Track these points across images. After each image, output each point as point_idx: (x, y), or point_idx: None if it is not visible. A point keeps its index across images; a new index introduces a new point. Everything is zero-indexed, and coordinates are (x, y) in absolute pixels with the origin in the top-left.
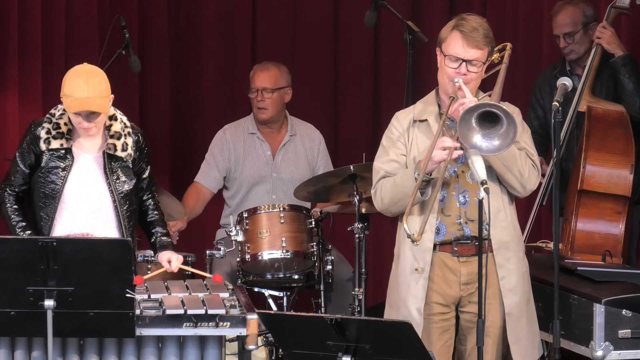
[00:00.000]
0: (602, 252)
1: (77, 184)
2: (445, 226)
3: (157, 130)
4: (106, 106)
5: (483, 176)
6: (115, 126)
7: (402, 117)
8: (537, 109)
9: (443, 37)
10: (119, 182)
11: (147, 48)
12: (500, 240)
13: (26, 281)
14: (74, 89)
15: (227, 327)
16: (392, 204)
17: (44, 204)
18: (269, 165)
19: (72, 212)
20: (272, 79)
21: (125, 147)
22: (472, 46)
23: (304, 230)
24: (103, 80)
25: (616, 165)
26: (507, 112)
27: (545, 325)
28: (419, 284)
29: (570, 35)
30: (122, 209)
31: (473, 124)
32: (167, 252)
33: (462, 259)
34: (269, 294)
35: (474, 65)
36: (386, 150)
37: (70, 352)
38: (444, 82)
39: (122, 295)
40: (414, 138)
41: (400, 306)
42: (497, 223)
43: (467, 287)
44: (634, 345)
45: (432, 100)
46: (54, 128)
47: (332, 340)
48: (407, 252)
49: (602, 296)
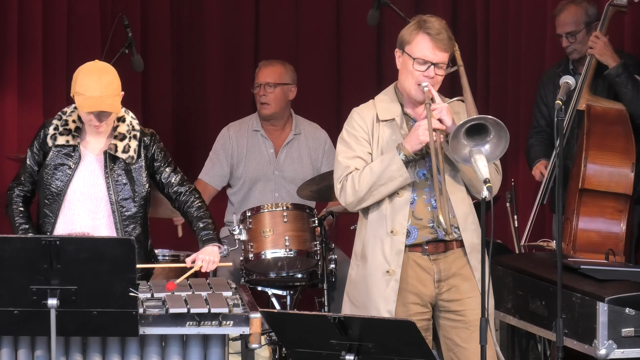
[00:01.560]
0: (604, 250)
1: (81, 183)
2: (417, 229)
3: (159, 129)
4: (118, 105)
5: (486, 175)
6: (121, 127)
7: (364, 114)
8: (542, 108)
9: (407, 39)
10: (118, 184)
11: (150, 47)
12: (472, 244)
13: (29, 280)
14: (86, 88)
15: (230, 326)
16: (369, 193)
17: (49, 201)
18: (271, 163)
19: (74, 211)
20: (276, 74)
21: (127, 148)
22: (441, 49)
23: (307, 229)
24: (115, 78)
25: (617, 163)
26: (494, 120)
27: (549, 324)
28: (389, 287)
29: (573, 35)
30: (120, 211)
31: (462, 140)
32: (208, 247)
33: (432, 256)
34: (272, 292)
35: (440, 68)
36: (350, 147)
37: (74, 351)
38: (409, 85)
39: (125, 294)
40: (380, 137)
41: (369, 307)
42: (467, 227)
43: (440, 284)
44: (637, 344)
45: (394, 98)
46: (62, 125)
47: (335, 339)
48: (377, 254)
49: (605, 295)
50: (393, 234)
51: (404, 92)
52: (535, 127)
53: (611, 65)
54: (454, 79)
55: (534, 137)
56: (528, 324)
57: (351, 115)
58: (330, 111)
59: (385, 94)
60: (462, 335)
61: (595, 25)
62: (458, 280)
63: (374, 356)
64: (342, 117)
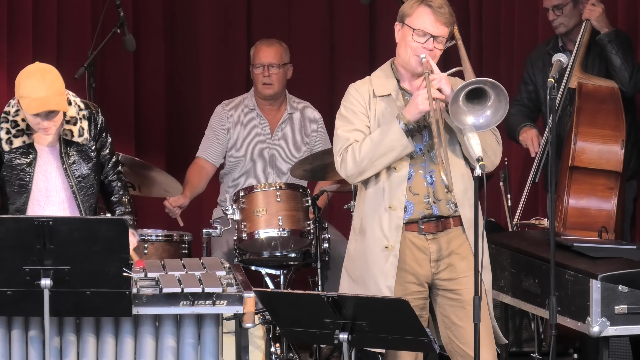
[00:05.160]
0: (595, 228)
1: (43, 178)
2: (414, 205)
3: (152, 109)
4: (64, 103)
5: (479, 153)
6: (70, 111)
7: (361, 89)
8: (529, 84)
9: (407, 12)
10: (75, 166)
11: (142, 26)
12: (469, 219)
13: (22, 260)
14: (30, 90)
15: (224, 306)
16: (370, 164)
17: (15, 200)
18: (267, 142)
19: (44, 206)
20: (278, 54)
21: (82, 132)
22: (441, 23)
23: (300, 208)
24: (57, 77)
25: (607, 140)
26: (493, 82)
27: (542, 302)
28: (389, 262)
29: (560, 8)
30: (80, 193)
31: (462, 106)
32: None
33: (429, 236)
34: (266, 272)
35: (439, 42)
36: (349, 120)
37: (67, 331)
38: (407, 56)
39: (118, 274)
40: (376, 111)
41: (368, 283)
42: (465, 201)
43: (437, 264)
44: (630, 321)
45: (389, 74)
46: (12, 127)
47: (329, 318)
48: (375, 229)
49: (598, 272)
50: (391, 209)
51: (402, 65)
52: (518, 100)
53: (604, 31)
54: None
55: (514, 107)
56: (521, 301)
57: (348, 91)
58: (323, 90)
59: (382, 70)
60: (459, 314)
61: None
62: (455, 259)
63: (367, 334)
64: (335, 96)
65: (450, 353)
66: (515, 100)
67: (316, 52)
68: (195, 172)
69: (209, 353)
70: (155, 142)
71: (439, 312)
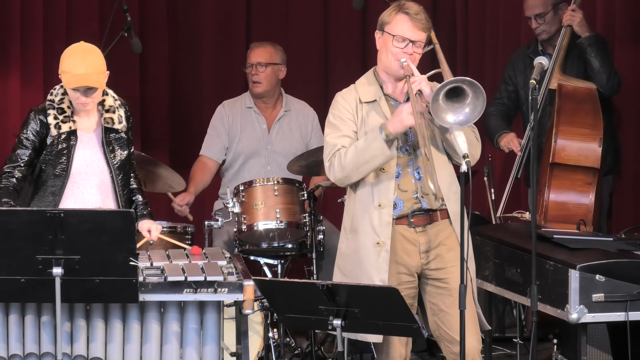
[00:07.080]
0: (574, 221)
1: (83, 162)
2: (403, 201)
3: (157, 108)
4: (102, 82)
5: (465, 150)
6: (108, 100)
7: (347, 97)
8: (509, 84)
9: (386, 20)
10: (114, 154)
11: (147, 30)
12: (456, 212)
13: (35, 250)
14: (72, 66)
15: (225, 293)
16: (354, 170)
17: (54, 184)
18: (264, 138)
19: (82, 189)
20: (267, 54)
21: (121, 119)
22: (419, 28)
23: (297, 202)
24: (99, 57)
25: (585, 138)
26: (470, 81)
27: (524, 290)
28: (381, 257)
29: (541, 16)
30: (117, 180)
31: (442, 104)
32: (147, 221)
33: (418, 229)
34: (264, 262)
35: (418, 47)
36: (337, 127)
37: (78, 317)
38: (389, 61)
39: (125, 263)
40: (363, 117)
41: (361, 278)
42: (451, 196)
43: (426, 255)
44: (607, 309)
45: (372, 81)
46: (59, 113)
47: (323, 305)
48: (366, 227)
49: (576, 262)
50: (381, 207)
51: (385, 70)
52: (498, 98)
53: (585, 35)
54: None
55: (493, 107)
56: (504, 290)
57: (335, 100)
58: (317, 91)
59: (365, 77)
60: (446, 301)
61: (561, 7)
62: (443, 250)
63: (359, 321)
64: (329, 97)
65: (437, 339)
66: (495, 98)
67: (311, 54)
68: (198, 169)
69: (211, 337)
70: (160, 139)
71: (428, 300)
